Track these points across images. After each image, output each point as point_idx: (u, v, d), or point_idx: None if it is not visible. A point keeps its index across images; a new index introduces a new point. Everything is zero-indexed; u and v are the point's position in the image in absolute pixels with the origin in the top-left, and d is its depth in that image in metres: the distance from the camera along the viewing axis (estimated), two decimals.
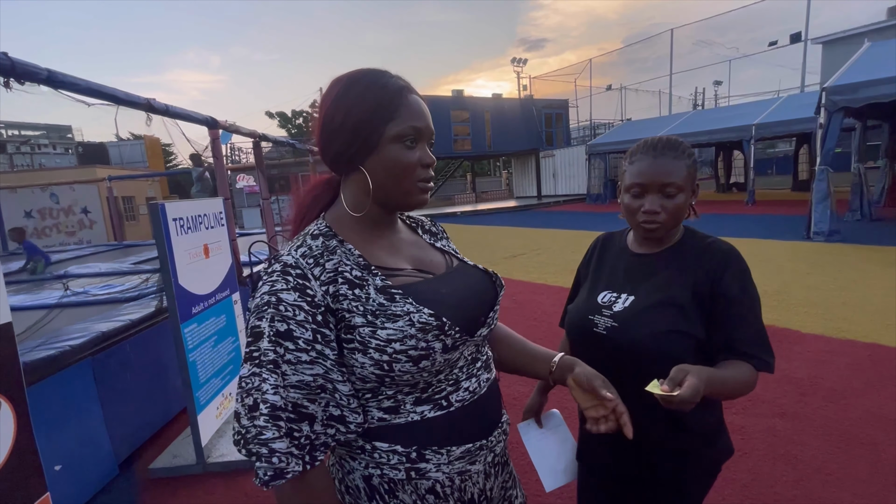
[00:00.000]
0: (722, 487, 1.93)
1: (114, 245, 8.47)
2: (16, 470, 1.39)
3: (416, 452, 0.66)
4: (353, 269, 0.66)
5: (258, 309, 0.61)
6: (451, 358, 0.68)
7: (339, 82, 0.70)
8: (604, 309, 0.99)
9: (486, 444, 0.72)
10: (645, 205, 0.95)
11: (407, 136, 0.68)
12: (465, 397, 0.70)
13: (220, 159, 3.76)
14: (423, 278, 0.72)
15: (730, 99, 24.30)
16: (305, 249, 0.66)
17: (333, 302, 0.64)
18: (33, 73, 2.03)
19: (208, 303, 2.53)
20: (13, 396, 1.41)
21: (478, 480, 0.71)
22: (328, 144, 0.70)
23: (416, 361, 0.63)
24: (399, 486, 0.66)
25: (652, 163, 0.94)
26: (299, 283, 0.62)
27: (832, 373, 2.86)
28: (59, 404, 2.15)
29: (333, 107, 0.69)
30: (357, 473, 0.68)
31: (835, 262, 5.62)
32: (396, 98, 0.68)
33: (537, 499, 1.97)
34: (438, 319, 0.64)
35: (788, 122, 11.45)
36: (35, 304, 3.35)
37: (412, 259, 0.75)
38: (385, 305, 0.64)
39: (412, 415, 0.67)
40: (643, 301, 0.96)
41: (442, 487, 0.68)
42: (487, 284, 0.79)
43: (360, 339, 0.63)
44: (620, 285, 1.02)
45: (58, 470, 2.05)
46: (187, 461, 2.40)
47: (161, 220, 2.15)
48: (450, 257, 0.82)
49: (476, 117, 19.15)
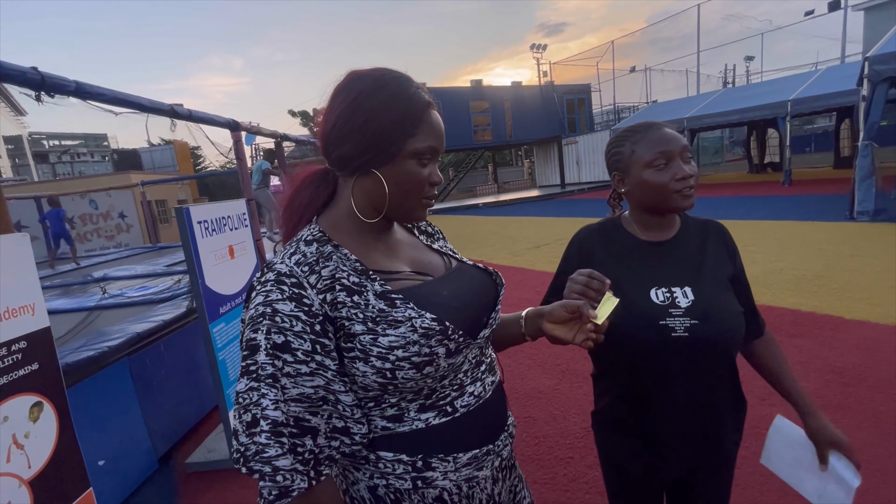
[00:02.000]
0: (761, 484, 1.86)
1: (149, 247, 8.81)
2: (60, 467, 1.46)
3: (422, 461, 0.64)
4: (350, 276, 0.64)
5: (252, 321, 0.59)
6: (454, 362, 0.66)
7: (360, 80, 0.67)
8: (670, 309, 0.90)
9: (493, 448, 0.70)
10: (677, 172, 0.89)
11: (424, 155, 0.67)
12: (470, 402, 0.68)
13: (243, 160, 3.83)
14: (423, 281, 0.70)
15: (762, 75, 23.12)
16: (299, 257, 0.64)
17: (332, 310, 0.61)
18: (62, 85, 2.11)
19: (235, 302, 2.59)
20: (54, 397, 1.48)
21: (485, 486, 0.70)
22: (338, 142, 0.67)
23: (419, 368, 0.61)
24: (405, 495, 0.65)
25: (664, 133, 0.92)
26: (295, 292, 0.60)
27: (879, 361, 2.70)
28: (99, 402, 2.26)
29: (354, 106, 0.65)
30: (362, 484, 0.66)
31: (881, 242, 5.30)
32: (422, 114, 0.66)
33: (565, 494, 1.94)
34: (441, 324, 0.63)
35: (828, 96, 10.79)
36: (75, 307, 3.52)
37: (410, 261, 0.73)
38: (385, 311, 0.62)
39: (416, 422, 0.65)
40: (707, 291, 0.92)
41: (449, 495, 0.66)
42: (488, 284, 0.77)
43: (360, 348, 0.61)
44: (667, 279, 0.93)
45: (101, 465, 2.15)
46: (222, 456, 2.48)
47: (186, 224, 2.21)
48: (448, 258, 0.79)
49: (496, 107, 18.92)
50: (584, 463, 2.12)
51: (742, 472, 1.94)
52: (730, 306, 0.91)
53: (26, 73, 1.95)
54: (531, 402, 2.71)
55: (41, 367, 1.43)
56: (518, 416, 2.53)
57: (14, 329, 1.36)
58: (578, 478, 2.03)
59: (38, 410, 1.43)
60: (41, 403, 1.44)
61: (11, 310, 1.36)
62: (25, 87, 1.98)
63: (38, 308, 1.45)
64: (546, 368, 3.09)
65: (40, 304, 1.46)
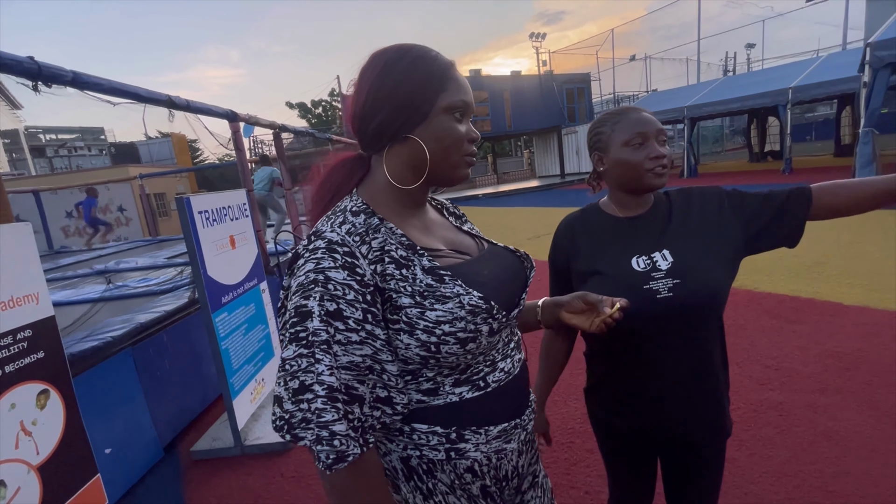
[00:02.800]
0: (760, 464, 1.89)
1: (149, 240, 8.81)
2: (67, 453, 1.48)
3: (456, 433, 0.66)
4: (398, 249, 0.65)
5: (303, 287, 0.59)
6: (493, 340, 0.68)
7: (384, 54, 0.69)
8: (652, 273, 0.94)
9: (520, 422, 0.72)
10: (651, 152, 0.95)
11: (457, 109, 0.68)
12: (500, 378, 0.70)
13: (242, 151, 3.82)
14: (463, 260, 0.72)
15: (763, 62, 22.97)
16: (350, 226, 0.64)
17: (381, 281, 0.62)
18: (59, 75, 2.10)
19: (237, 292, 2.60)
20: (60, 385, 1.49)
21: (512, 458, 0.72)
22: (373, 114, 0.67)
23: (463, 343, 0.63)
24: (438, 466, 0.67)
25: (640, 115, 0.98)
26: (348, 261, 0.60)
27: (878, 346, 2.72)
28: (104, 392, 2.28)
29: (382, 76, 0.67)
30: (394, 455, 0.68)
31: (881, 229, 5.31)
32: (448, 70, 0.68)
33: (566, 478, 1.97)
34: (487, 302, 0.64)
35: (829, 83, 10.72)
36: (80, 299, 3.53)
37: (445, 240, 0.75)
38: (433, 286, 0.63)
39: (451, 396, 0.66)
40: (682, 250, 0.95)
41: (480, 466, 0.68)
42: (518, 265, 0.79)
43: (406, 320, 0.62)
44: (645, 247, 0.98)
45: (108, 453, 2.17)
46: (226, 444, 2.51)
47: (187, 213, 2.21)
48: (479, 240, 0.81)
49: (495, 97, 18.79)
50: (585, 447, 2.14)
51: (742, 454, 1.97)
52: (712, 260, 0.94)
53: (23, 63, 1.94)
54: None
55: (47, 355, 1.44)
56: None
57: (19, 318, 1.37)
58: (579, 461, 2.06)
59: (45, 398, 1.44)
60: (48, 391, 1.45)
61: (16, 299, 1.36)
62: (22, 77, 1.97)
63: (42, 297, 1.45)
64: None
65: (44, 293, 1.46)
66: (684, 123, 13.56)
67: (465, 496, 0.69)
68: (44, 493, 1.38)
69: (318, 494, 2.10)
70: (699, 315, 0.93)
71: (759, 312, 3.41)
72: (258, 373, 2.74)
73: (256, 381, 2.71)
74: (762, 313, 3.39)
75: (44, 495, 1.38)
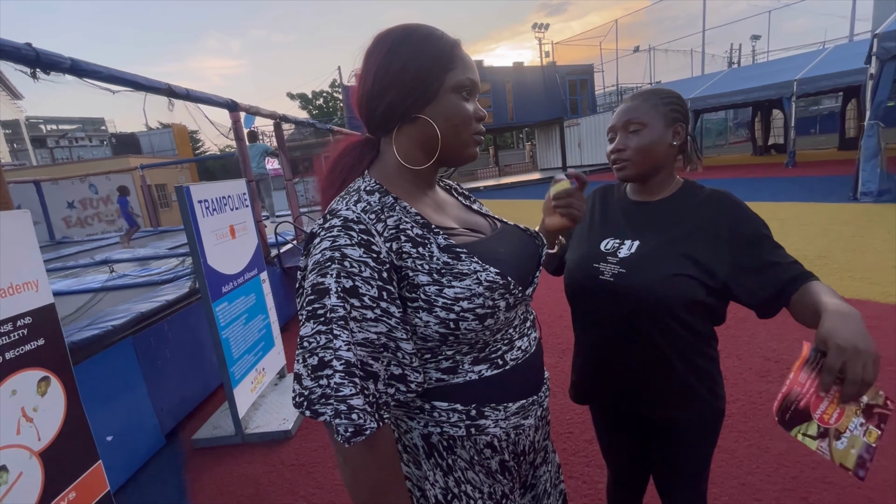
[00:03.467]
0: (757, 457, 1.89)
1: (150, 231, 8.82)
2: (69, 440, 1.49)
3: (476, 410, 0.67)
4: (413, 227, 0.66)
5: (320, 265, 0.59)
6: (510, 316, 0.69)
7: (389, 35, 0.69)
8: (609, 256, 1.00)
9: (537, 399, 0.74)
10: (614, 146, 1.01)
11: (465, 87, 0.69)
12: (518, 356, 0.71)
13: (243, 141, 3.80)
14: (478, 238, 0.73)
15: (769, 54, 22.70)
16: (365, 205, 0.64)
17: (397, 259, 0.63)
18: (57, 62, 2.08)
19: (237, 282, 2.60)
20: (61, 373, 1.50)
21: (529, 433, 0.74)
22: (382, 95, 0.68)
23: (482, 319, 0.64)
24: (458, 442, 0.68)
25: (620, 108, 1.01)
26: (363, 238, 0.60)
27: (878, 339, 2.72)
28: (106, 380, 2.29)
29: (389, 57, 0.67)
30: (416, 432, 0.69)
31: (884, 223, 5.28)
32: (454, 49, 0.69)
33: (565, 467, 1.98)
34: (504, 278, 0.65)
35: (835, 76, 10.59)
36: (81, 289, 3.54)
37: (457, 219, 0.75)
38: (450, 264, 0.64)
39: (470, 374, 0.67)
40: (649, 246, 0.98)
41: (499, 442, 0.70)
42: (531, 243, 0.81)
43: (424, 298, 0.62)
44: (623, 232, 1.03)
45: (109, 440, 2.19)
46: (227, 432, 2.53)
47: (187, 203, 2.20)
48: (490, 219, 0.82)
49: (497, 88, 18.65)
50: (584, 438, 2.15)
51: (740, 445, 1.98)
52: (662, 267, 0.93)
53: (20, 50, 1.92)
54: None
55: (47, 342, 1.45)
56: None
57: (18, 305, 1.37)
58: (578, 451, 2.07)
59: (46, 385, 1.45)
60: (48, 378, 1.46)
61: (15, 286, 1.36)
62: (20, 64, 1.96)
63: (42, 285, 1.45)
64: (547, 347, 3.11)
65: (43, 280, 1.46)
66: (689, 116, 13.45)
67: (484, 471, 0.70)
68: (45, 478, 1.40)
69: (318, 482, 2.11)
70: (633, 306, 0.96)
71: None
72: (258, 362, 2.75)
73: (257, 371, 2.72)
74: None
75: (45, 480, 1.40)
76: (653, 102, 0.98)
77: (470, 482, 0.69)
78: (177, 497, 2.15)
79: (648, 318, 0.95)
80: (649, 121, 0.97)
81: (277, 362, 3.02)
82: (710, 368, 1.01)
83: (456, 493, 0.69)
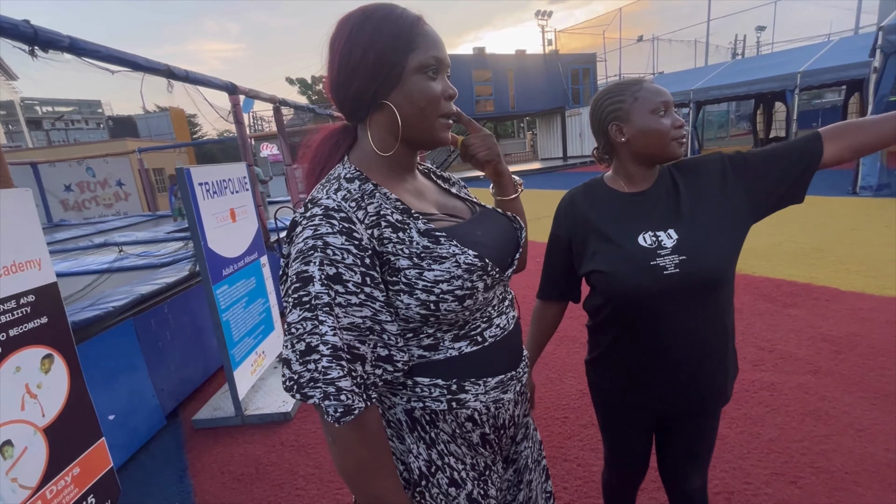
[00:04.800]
0: (748, 442, 1.93)
1: (148, 216, 8.79)
2: (72, 416, 1.51)
3: (457, 384, 0.69)
4: (393, 213, 0.67)
5: (302, 254, 0.61)
6: (488, 296, 0.71)
7: (349, 19, 0.68)
8: (659, 250, 0.94)
9: (515, 374, 0.76)
10: (676, 121, 0.96)
11: (429, 67, 0.67)
12: (496, 333, 0.74)
13: (242, 125, 3.78)
14: (457, 222, 0.74)
15: (773, 46, 22.49)
16: (345, 192, 0.66)
17: (379, 245, 0.64)
18: (56, 40, 2.06)
19: (237, 265, 2.61)
20: (64, 350, 1.51)
21: (509, 407, 0.76)
22: (347, 84, 0.68)
23: (461, 300, 0.66)
24: (440, 416, 0.70)
25: (655, 87, 0.98)
26: (345, 226, 0.62)
27: (871, 331, 2.75)
28: (107, 360, 2.31)
29: (350, 43, 0.67)
30: (399, 408, 0.71)
31: (882, 217, 5.30)
32: (415, 27, 0.67)
33: (560, 451, 2.02)
34: (482, 260, 0.67)
35: (839, 69, 10.50)
36: (82, 270, 3.55)
37: (437, 204, 0.77)
38: (430, 248, 0.66)
39: (451, 350, 0.69)
40: (688, 227, 0.96)
41: (479, 415, 0.72)
42: (510, 227, 0.82)
43: (405, 281, 0.64)
44: (649, 224, 0.98)
45: (111, 419, 2.22)
46: (227, 413, 2.56)
47: (188, 185, 2.20)
48: (470, 203, 0.84)
49: (499, 76, 18.46)
50: (579, 423, 2.19)
51: (732, 431, 2.01)
52: (716, 236, 0.94)
53: (18, 27, 1.90)
54: None
55: (50, 321, 1.46)
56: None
57: (21, 283, 1.37)
58: (573, 436, 2.11)
59: (49, 362, 1.47)
60: (52, 356, 1.47)
61: (18, 264, 1.37)
62: (18, 41, 1.93)
63: (45, 263, 1.46)
64: None
65: (46, 259, 1.47)
66: (690, 107, 13.38)
67: (466, 444, 0.73)
68: (50, 453, 1.42)
69: (317, 462, 2.15)
70: (706, 290, 0.94)
71: (755, 296, 3.43)
72: (259, 345, 2.77)
73: (257, 354, 2.74)
74: (759, 297, 3.41)
75: (50, 455, 1.42)
76: None
77: (453, 454, 0.72)
78: (178, 475, 2.18)
79: (713, 299, 0.96)
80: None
81: (277, 345, 3.04)
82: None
83: (439, 466, 0.71)
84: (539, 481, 0.88)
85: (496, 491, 0.78)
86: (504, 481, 0.82)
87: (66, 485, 1.47)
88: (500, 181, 0.87)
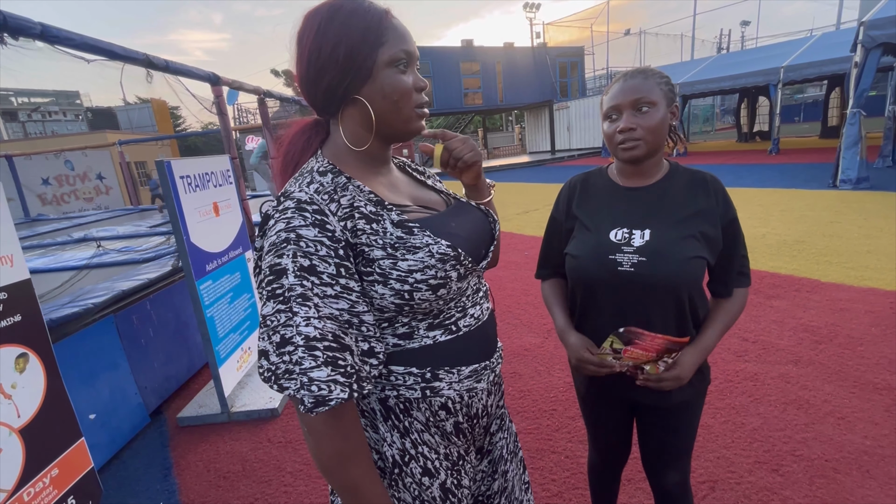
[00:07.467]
0: (732, 432, 1.96)
1: (130, 209, 8.60)
2: (50, 417, 1.47)
3: (430, 373, 0.70)
4: (367, 205, 0.67)
5: (275, 247, 0.60)
6: (462, 286, 0.72)
7: (316, 14, 0.68)
8: (623, 246, 0.98)
9: (489, 364, 0.77)
10: (619, 125, 0.96)
11: (400, 60, 0.68)
12: (471, 323, 0.74)
13: (226, 116, 3.70)
14: (431, 214, 0.75)
15: (758, 41, 22.73)
16: (318, 185, 0.65)
17: (353, 237, 0.64)
18: (26, 27, 1.98)
19: (221, 260, 2.56)
20: (40, 349, 1.47)
21: (482, 397, 0.77)
22: (318, 80, 0.68)
23: (434, 290, 0.66)
24: (414, 404, 0.70)
25: (622, 85, 0.97)
26: (317, 218, 0.61)
27: (850, 321, 2.81)
28: (87, 358, 2.25)
29: (319, 38, 0.66)
30: (373, 397, 0.71)
31: (861, 209, 5.42)
32: (383, 21, 0.67)
33: (548, 443, 2.03)
34: (455, 250, 0.68)
35: (821, 63, 10.68)
36: (61, 267, 3.45)
37: (411, 196, 0.77)
38: (404, 238, 0.66)
39: (425, 339, 0.70)
40: (662, 232, 0.97)
41: (453, 404, 0.72)
42: (484, 220, 0.83)
43: (380, 272, 0.65)
44: (629, 221, 1.01)
45: (92, 419, 2.17)
46: (213, 411, 2.52)
47: (168, 178, 2.14)
48: (445, 195, 0.85)
49: (487, 69, 18.39)
50: (567, 415, 2.20)
51: (716, 421, 2.04)
52: (683, 251, 0.95)
53: None
54: (518, 358, 2.79)
55: (24, 318, 1.41)
56: (505, 372, 2.60)
57: None
58: (561, 427, 2.12)
59: (24, 361, 1.42)
60: (26, 355, 1.43)
61: None
62: None
63: (17, 259, 1.41)
64: (532, 328, 3.16)
65: (18, 255, 1.42)
66: (677, 101, 13.48)
67: (440, 433, 0.73)
68: (27, 454, 1.38)
69: (305, 458, 2.13)
70: (663, 292, 0.96)
71: None
72: (244, 341, 2.73)
73: (242, 350, 2.71)
74: None
75: (27, 457, 1.38)
76: (655, 81, 0.96)
77: (426, 444, 0.72)
78: (162, 474, 2.15)
79: (669, 303, 0.96)
80: (657, 100, 0.95)
81: None
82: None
83: (413, 455, 0.71)
84: (516, 472, 0.89)
85: (469, 481, 0.79)
86: (478, 472, 0.84)
87: (45, 486, 1.43)
88: (477, 184, 0.86)
